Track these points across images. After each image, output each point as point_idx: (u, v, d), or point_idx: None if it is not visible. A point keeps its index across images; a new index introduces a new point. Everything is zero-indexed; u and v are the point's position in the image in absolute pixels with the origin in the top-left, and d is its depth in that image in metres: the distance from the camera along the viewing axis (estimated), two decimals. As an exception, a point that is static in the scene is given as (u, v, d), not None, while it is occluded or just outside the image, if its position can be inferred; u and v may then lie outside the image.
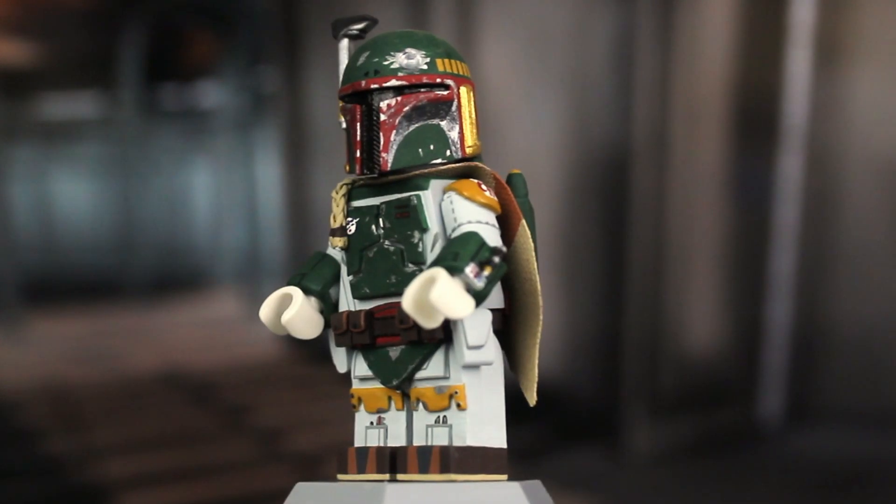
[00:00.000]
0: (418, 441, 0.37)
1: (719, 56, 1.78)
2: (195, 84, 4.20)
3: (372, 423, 0.38)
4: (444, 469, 0.35)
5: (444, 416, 0.36)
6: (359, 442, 0.38)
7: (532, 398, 0.39)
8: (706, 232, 1.83)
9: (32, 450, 1.76)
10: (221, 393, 2.21)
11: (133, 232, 3.94)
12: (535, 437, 1.75)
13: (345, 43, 0.37)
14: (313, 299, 0.38)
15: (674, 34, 1.67)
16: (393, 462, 0.37)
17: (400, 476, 0.36)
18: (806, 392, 1.95)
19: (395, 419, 0.37)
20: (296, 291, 0.37)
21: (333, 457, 0.38)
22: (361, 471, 0.37)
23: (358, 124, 0.36)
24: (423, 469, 0.36)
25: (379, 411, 0.38)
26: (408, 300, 0.33)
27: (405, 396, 0.37)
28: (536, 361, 0.38)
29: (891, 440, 1.79)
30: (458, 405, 0.36)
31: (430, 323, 0.33)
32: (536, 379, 0.39)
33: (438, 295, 0.33)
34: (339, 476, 0.37)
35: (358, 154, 0.36)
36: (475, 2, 2.05)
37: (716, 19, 1.77)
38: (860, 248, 1.89)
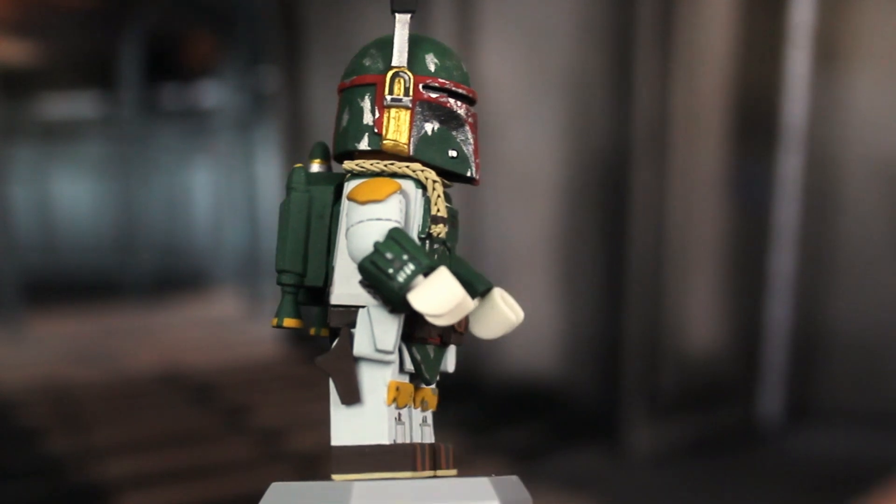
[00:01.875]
0: (415, 438, 0.37)
1: (719, 56, 1.78)
2: (195, 84, 4.19)
3: (396, 418, 0.36)
4: (457, 464, 0.37)
5: (426, 416, 0.38)
6: (387, 438, 0.35)
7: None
8: (706, 232, 1.83)
9: (32, 450, 1.76)
10: (221, 393, 2.21)
11: (133, 232, 3.93)
12: (535, 437, 1.75)
13: (407, 18, 0.34)
14: None
15: (673, 35, 1.67)
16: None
17: (441, 472, 0.37)
18: (806, 392, 1.95)
19: (411, 416, 0.37)
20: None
21: (386, 453, 0.35)
22: (423, 467, 0.36)
23: (476, 132, 0.36)
24: (451, 465, 0.37)
25: (405, 407, 0.37)
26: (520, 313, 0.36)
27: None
28: None
29: (891, 440, 1.79)
30: (435, 406, 0.38)
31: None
32: None
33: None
34: (407, 474, 0.35)
35: (478, 159, 0.36)
36: (475, 2, 2.05)
37: (716, 20, 1.77)
38: (860, 247, 1.89)
